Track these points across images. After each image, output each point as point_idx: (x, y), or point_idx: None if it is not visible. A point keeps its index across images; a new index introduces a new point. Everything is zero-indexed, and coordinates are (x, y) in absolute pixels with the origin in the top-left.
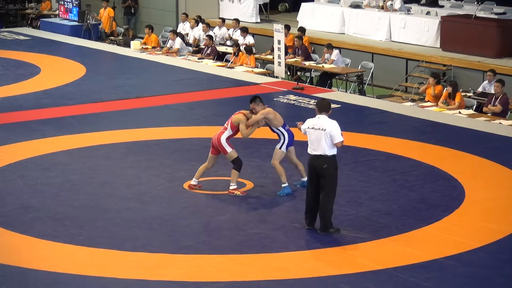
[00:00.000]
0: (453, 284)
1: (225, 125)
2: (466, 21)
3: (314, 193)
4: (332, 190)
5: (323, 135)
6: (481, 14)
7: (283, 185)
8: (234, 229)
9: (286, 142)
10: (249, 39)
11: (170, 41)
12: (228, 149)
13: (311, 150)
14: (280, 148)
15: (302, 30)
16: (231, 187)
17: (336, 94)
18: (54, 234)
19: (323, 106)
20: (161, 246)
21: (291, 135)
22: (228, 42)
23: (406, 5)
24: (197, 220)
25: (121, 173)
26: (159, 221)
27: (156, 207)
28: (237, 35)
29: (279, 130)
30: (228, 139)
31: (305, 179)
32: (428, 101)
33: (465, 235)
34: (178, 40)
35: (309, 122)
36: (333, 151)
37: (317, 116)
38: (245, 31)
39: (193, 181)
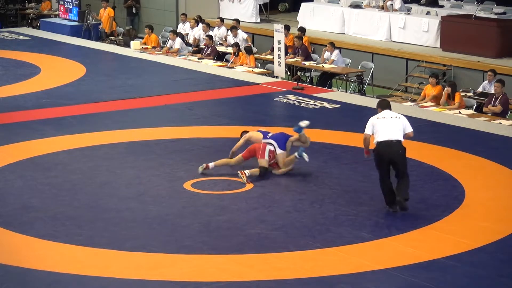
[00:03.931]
0: (453, 284)
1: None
2: (466, 21)
3: (389, 178)
4: (407, 172)
5: (398, 122)
6: (481, 14)
7: (299, 154)
8: (234, 229)
9: (277, 146)
10: (242, 35)
11: (170, 41)
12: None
13: (384, 137)
14: (277, 153)
15: (302, 30)
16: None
17: (336, 94)
18: (54, 234)
19: (386, 104)
20: (161, 246)
21: (277, 139)
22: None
23: (406, 5)
24: (197, 220)
25: (121, 173)
26: (159, 221)
27: (156, 207)
28: (230, 36)
29: (264, 142)
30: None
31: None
32: (428, 101)
33: (465, 235)
34: (178, 40)
35: (377, 115)
36: (402, 138)
37: (382, 112)
38: (236, 29)
39: (211, 164)
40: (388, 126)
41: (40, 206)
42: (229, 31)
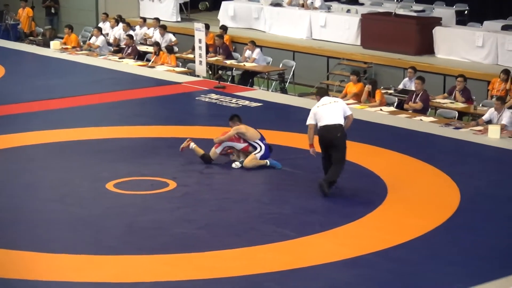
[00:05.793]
0: (378, 280)
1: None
2: (386, 18)
3: (329, 161)
4: (343, 159)
5: (337, 106)
6: (400, 11)
7: (268, 163)
8: (159, 229)
9: (261, 152)
10: (170, 37)
11: (93, 37)
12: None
13: (326, 122)
14: (255, 154)
15: (224, 28)
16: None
17: (258, 93)
18: None
19: (323, 91)
20: (85, 247)
21: (267, 149)
22: (148, 42)
23: (326, 3)
24: (121, 221)
25: (43, 175)
26: (83, 223)
27: (79, 208)
28: (156, 34)
29: (255, 143)
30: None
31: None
32: (350, 99)
33: (389, 231)
34: (101, 38)
35: (317, 104)
36: (343, 122)
37: (320, 100)
38: (164, 28)
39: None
40: (328, 111)
41: None
42: (158, 29)
